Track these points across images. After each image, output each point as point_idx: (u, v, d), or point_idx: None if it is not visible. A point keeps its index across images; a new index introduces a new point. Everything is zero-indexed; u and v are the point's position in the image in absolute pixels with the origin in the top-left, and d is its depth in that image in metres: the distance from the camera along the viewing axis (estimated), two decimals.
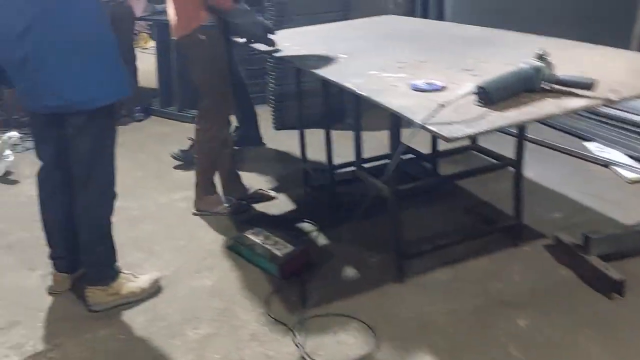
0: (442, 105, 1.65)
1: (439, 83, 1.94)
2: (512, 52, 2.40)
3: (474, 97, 1.73)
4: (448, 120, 1.60)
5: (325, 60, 2.45)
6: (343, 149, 3.24)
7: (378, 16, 3.78)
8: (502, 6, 4.70)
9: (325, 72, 2.26)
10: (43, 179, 2.36)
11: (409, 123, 1.66)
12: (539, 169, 3.33)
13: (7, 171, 3.65)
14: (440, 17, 4.76)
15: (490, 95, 1.68)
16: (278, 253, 2.50)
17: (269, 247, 2.55)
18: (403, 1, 5.22)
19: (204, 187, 3.11)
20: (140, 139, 4.32)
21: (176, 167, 3.75)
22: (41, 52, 2.00)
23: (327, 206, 3.06)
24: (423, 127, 1.61)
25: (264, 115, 4.64)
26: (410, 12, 5.23)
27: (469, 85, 1.89)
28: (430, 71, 2.15)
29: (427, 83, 1.95)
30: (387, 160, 3.50)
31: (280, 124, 4.36)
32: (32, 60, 2.02)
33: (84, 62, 2.04)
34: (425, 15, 4.87)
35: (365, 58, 2.48)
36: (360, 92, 1.96)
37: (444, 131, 1.55)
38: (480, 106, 1.69)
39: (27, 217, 3.12)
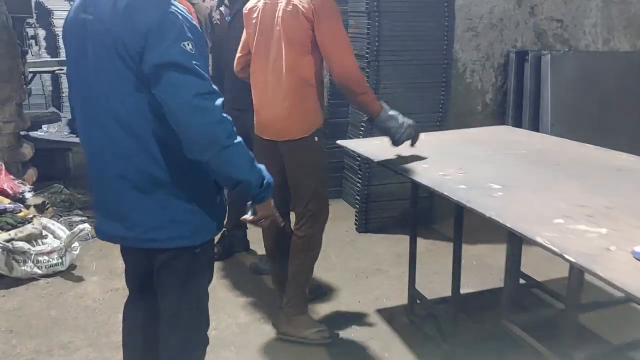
0: None
1: None
2: None
3: None
4: None
5: (475, 190, 1.98)
6: (435, 264, 2.72)
7: (491, 127, 3.37)
8: (608, 125, 4.36)
9: (499, 216, 1.77)
10: (127, 310, 1.88)
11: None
12: None
13: (71, 264, 3.20)
14: (535, 126, 4.37)
15: None
16: None
17: None
18: (491, 102, 4.90)
19: (297, 304, 2.60)
20: None
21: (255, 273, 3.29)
22: (115, 174, 1.58)
23: (440, 344, 2.52)
24: None
25: (343, 213, 4.20)
26: (499, 115, 4.90)
27: None
28: (633, 227, 1.68)
29: None
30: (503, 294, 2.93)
31: (364, 227, 3.90)
32: (100, 180, 1.62)
33: (172, 194, 1.58)
34: (519, 123, 4.51)
35: (527, 193, 1.98)
36: (569, 258, 1.48)
37: None
38: None
39: (93, 328, 2.66)
